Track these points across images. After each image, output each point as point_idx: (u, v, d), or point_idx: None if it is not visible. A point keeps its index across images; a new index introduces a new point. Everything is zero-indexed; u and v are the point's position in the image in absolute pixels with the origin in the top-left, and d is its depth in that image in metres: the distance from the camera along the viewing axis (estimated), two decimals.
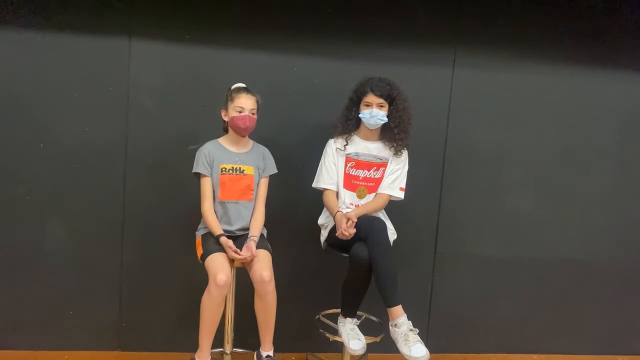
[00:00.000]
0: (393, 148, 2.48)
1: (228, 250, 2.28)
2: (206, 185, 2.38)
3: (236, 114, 2.35)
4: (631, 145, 3.05)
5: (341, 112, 2.52)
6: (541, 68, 2.92)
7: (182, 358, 2.67)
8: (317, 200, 2.56)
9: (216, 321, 2.27)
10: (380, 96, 2.40)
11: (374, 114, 2.41)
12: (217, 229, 2.34)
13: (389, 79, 2.44)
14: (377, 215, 2.49)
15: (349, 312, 2.45)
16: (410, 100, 2.48)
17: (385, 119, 2.43)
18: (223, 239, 2.31)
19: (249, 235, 2.38)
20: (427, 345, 2.17)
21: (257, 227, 2.41)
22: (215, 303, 2.23)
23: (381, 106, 2.41)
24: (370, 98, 2.41)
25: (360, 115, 2.45)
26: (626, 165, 3.05)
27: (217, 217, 2.39)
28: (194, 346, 2.34)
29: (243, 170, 2.42)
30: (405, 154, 2.52)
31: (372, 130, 2.48)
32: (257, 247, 2.34)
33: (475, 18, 2.84)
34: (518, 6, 2.87)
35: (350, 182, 2.52)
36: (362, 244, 2.27)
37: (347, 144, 2.51)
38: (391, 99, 2.42)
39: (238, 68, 2.71)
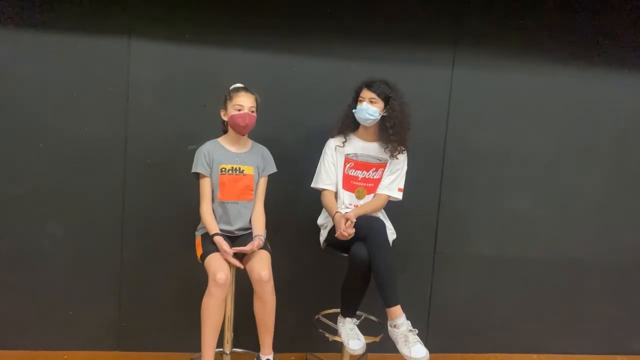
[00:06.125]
0: (388, 150, 2.47)
1: (222, 252, 2.27)
2: (205, 185, 2.38)
3: (235, 112, 2.35)
4: (631, 145, 3.05)
5: (343, 111, 2.53)
6: (541, 68, 2.92)
7: (182, 358, 2.67)
8: (316, 200, 2.56)
9: (218, 323, 2.25)
10: (373, 91, 2.40)
11: (364, 107, 2.41)
12: (214, 228, 2.34)
13: (389, 80, 2.44)
14: (377, 215, 2.50)
15: (348, 312, 2.45)
16: (410, 100, 2.47)
17: (376, 116, 2.42)
18: (217, 238, 2.30)
19: (254, 234, 2.38)
20: (426, 345, 2.17)
21: (260, 227, 2.41)
22: (216, 304, 2.22)
23: (373, 101, 2.41)
24: (364, 93, 2.43)
25: (353, 111, 2.46)
26: (626, 165, 3.05)
27: (216, 217, 2.39)
28: (193, 346, 2.34)
29: (243, 170, 2.42)
30: (404, 154, 2.52)
31: (369, 130, 2.48)
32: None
33: (475, 18, 2.84)
34: (518, 6, 2.86)
35: (349, 183, 2.52)
36: (361, 244, 2.27)
37: (345, 142, 2.51)
38: (387, 98, 2.42)
39: (238, 68, 2.71)
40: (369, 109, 2.41)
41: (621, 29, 2.95)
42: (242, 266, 2.31)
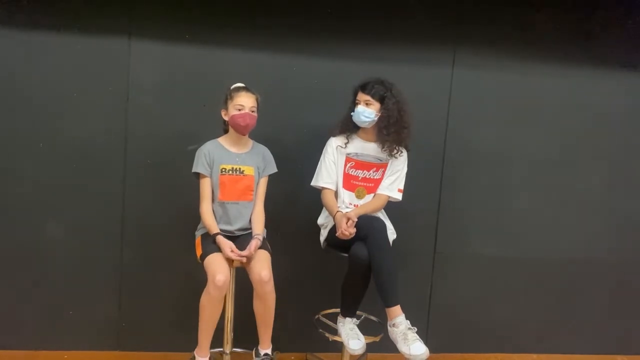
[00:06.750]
0: (385, 149, 2.47)
1: (225, 250, 2.27)
2: (205, 185, 2.38)
3: (236, 112, 2.35)
4: (631, 145, 3.05)
5: (344, 113, 2.53)
6: (540, 68, 2.92)
7: (182, 358, 2.66)
8: (316, 200, 2.56)
9: (215, 320, 2.28)
10: (367, 93, 2.40)
11: (359, 110, 2.41)
12: (214, 228, 2.34)
13: (384, 79, 2.44)
14: (377, 215, 2.50)
15: (348, 312, 2.46)
16: (410, 101, 2.47)
17: (372, 117, 2.42)
18: (219, 238, 2.30)
19: (253, 234, 2.38)
20: (426, 345, 2.17)
21: (259, 226, 2.41)
22: (214, 303, 2.23)
23: (368, 103, 2.41)
24: (359, 96, 2.43)
25: (351, 114, 2.46)
26: (626, 165, 3.05)
27: (216, 217, 2.39)
28: (193, 346, 2.34)
29: (243, 170, 2.42)
30: (404, 155, 2.52)
31: (368, 130, 2.48)
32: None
33: (475, 18, 2.84)
34: (518, 6, 2.86)
35: (349, 182, 2.52)
36: (361, 244, 2.27)
37: (347, 142, 2.51)
38: (382, 99, 2.42)
39: (238, 68, 2.71)
40: (365, 112, 2.41)
41: (622, 29, 2.95)
42: (245, 258, 2.29)
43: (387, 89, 2.42)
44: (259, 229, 2.40)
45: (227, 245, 2.28)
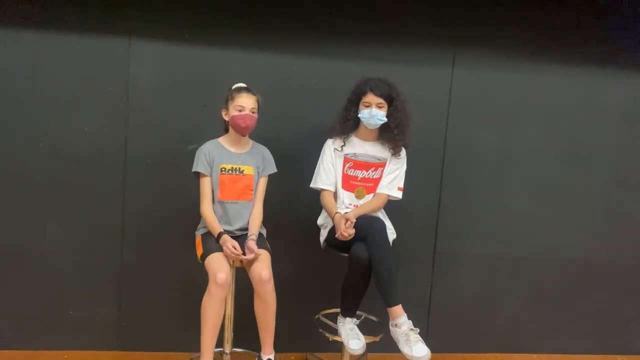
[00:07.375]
0: (392, 149, 2.48)
1: (227, 250, 2.27)
2: (205, 184, 2.38)
3: (236, 113, 2.35)
4: (631, 145, 3.05)
5: (339, 113, 2.52)
6: (540, 68, 2.92)
7: (182, 358, 2.67)
8: (316, 200, 2.56)
9: (218, 323, 2.26)
10: (380, 96, 2.39)
11: (374, 113, 2.40)
12: (218, 228, 2.34)
13: (388, 80, 2.44)
14: (377, 215, 2.50)
15: (348, 312, 2.45)
16: (410, 100, 2.48)
17: (385, 119, 2.42)
18: (225, 237, 2.30)
19: (248, 234, 2.38)
20: (426, 345, 2.17)
21: (255, 226, 2.41)
22: (216, 304, 2.22)
23: (380, 106, 2.41)
24: (370, 98, 2.41)
25: (359, 116, 2.45)
26: (626, 164, 3.05)
27: (216, 217, 2.39)
28: (193, 346, 2.34)
29: (242, 170, 2.42)
30: (403, 153, 2.52)
31: (370, 130, 2.48)
32: (257, 246, 2.34)
33: (474, 18, 2.84)
34: (517, 7, 2.86)
35: (348, 183, 2.52)
36: (361, 244, 2.27)
37: (344, 145, 2.51)
38: (390, 99, 2.42)
39: (238, 68, 2.71)
40: (378, 114, 2.40)
41: (622, 29, 2.95)
42: (246, 259, 2.29)
43: (392, 88, 2.42)
44: (254, 228, 2.40)
45: (230, 243, 2.27)
